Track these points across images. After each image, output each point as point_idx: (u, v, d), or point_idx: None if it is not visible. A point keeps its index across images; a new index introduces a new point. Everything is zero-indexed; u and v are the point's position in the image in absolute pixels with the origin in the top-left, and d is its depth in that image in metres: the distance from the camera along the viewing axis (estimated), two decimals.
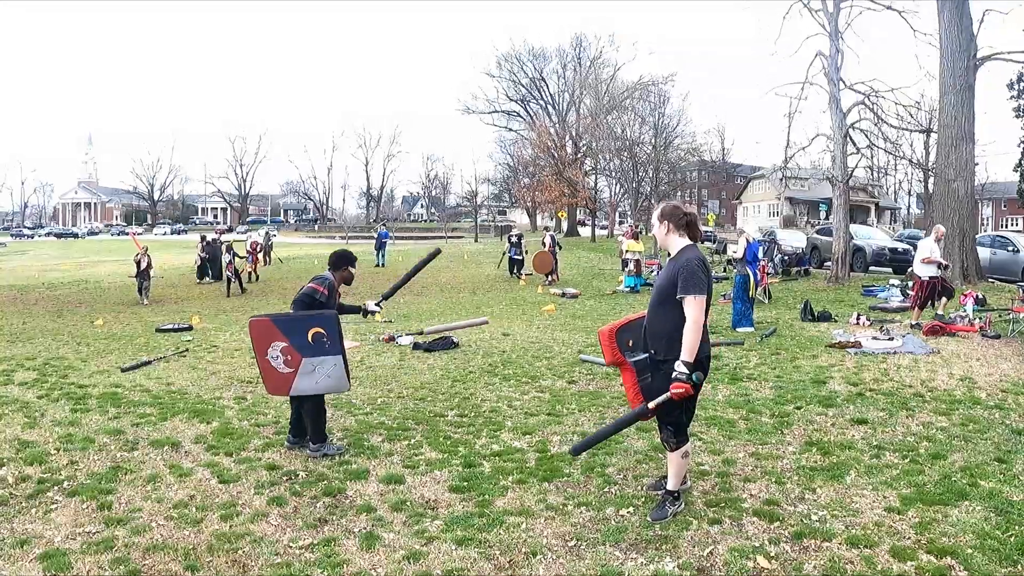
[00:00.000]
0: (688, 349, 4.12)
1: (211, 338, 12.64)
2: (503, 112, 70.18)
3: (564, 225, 58.46)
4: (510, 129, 71.02)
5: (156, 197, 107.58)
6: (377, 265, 30.89)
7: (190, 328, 14.11)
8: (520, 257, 25.28)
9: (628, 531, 4.23)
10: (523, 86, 67.06)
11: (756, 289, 13.05)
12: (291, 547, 4.15)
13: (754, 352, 9.94)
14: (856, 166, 21.57)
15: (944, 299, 12.31)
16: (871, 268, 22.97)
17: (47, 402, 7.65)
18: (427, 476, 5.32)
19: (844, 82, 19.64)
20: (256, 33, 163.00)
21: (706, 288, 4.19)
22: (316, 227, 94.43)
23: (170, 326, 14.27)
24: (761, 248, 24.23)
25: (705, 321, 4.27)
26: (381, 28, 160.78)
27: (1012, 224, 60.19)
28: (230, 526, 4.45)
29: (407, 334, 11.98)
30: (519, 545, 4.11)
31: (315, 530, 4.39)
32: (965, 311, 12.27)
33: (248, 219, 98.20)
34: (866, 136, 20.91)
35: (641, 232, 25.62)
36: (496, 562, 3.92)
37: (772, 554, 3.90)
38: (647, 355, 4.48)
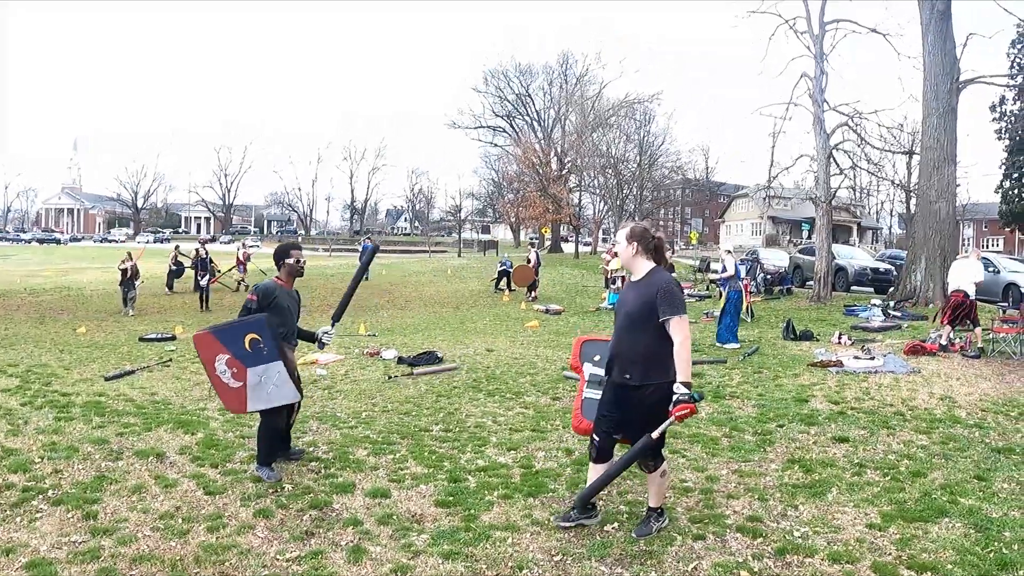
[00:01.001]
0: (684, 369, 4.08)
1: (194, 348, 12.52)
2: (489, 127, 70.44)
3: (547, 242, 58.58)
4: (495, 144, 71.31)
5: (140, 205, 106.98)
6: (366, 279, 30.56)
7: (173, 338, 14.06)
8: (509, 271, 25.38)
9: (613, 546, 4.25)
10: (509, 102, 67.35)
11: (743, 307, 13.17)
12: (278, 559, 4.14)
13: (737, 370, 10.01)
14: (839, 187, 21.81)
15: (976, 328, 11.77)
16: (852, 288, 23.19)
17: (30, 409, 7.58)
18: (413, 490, 5.32)
19: (828, 103, 19.90)
20: (245, 43, 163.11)
21: (683, 323, 4.15)
22: (300, 239, 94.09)
23: (153, 335, 14.22)
24: (744, 267, 24.55)
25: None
26: (368, 43, 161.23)
27: (993, 245, 60.87)
28: (217, 538, 4.43)
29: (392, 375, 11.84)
30: (505, 559, 4.11)
31: (302, 543, 4.39)
32: (945, 330, 12.38)
33: (231, 229, 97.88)
34: (849, 157, 21.12)
35: None
36: None
37: (755, 569, 3.93)
38: (605, 376, 4.47)
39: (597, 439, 4.44)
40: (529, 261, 24.12)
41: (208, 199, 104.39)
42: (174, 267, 25.43)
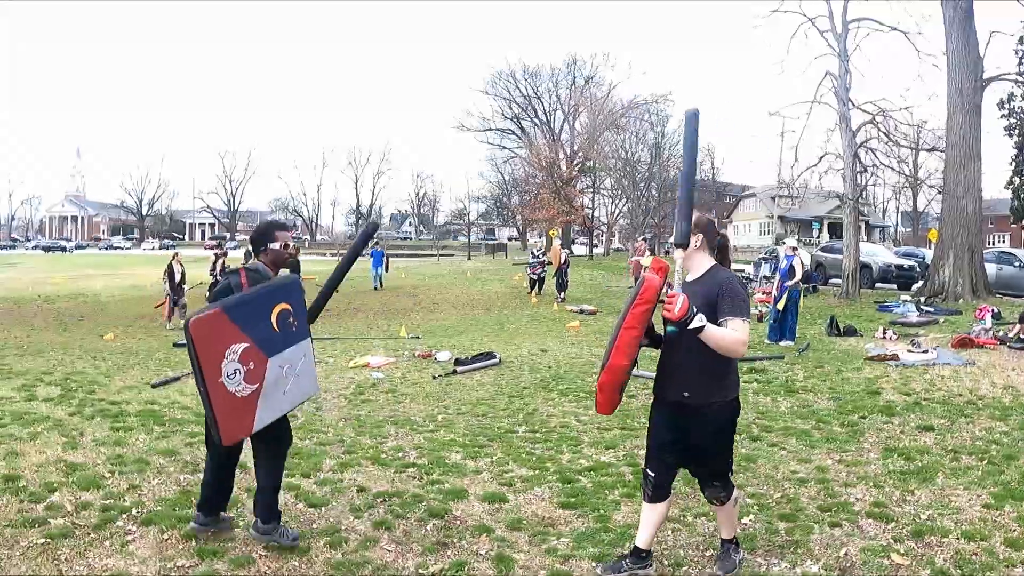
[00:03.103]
0: (718, 333, 3.47)
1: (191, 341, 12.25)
2: (497, 130, 70.60)
3: (556, 243, 58.78)
4: (503, 147, 71.47)
5: (144, 212, 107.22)
6: (375, 288, 28.18)
7: None
8: (541, 276, 25.34)
9: (756, 538, 4.44)
10: (517, 104, 67.50)
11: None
12: (422, 573, 4.02)
13: (797, 366, 10.26)
14: (866, 184, 22.07)
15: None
16: (877, 285, 23.45)
17: (81, 420, 7.21)
18: (528, 493, 5.30)
19: (853, 102, 20.16)
20: (249, 47, 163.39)
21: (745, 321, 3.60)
22: (307, 244, 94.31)
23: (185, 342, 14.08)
24: (768, 266, 24.80)
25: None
26: (374, 44, 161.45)
27: (1000, 241, 61.14)
28: (343, 554, 4.20)
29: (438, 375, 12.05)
30: (659, 557, 4.12)
31: (438, 554, 4.25)
32: (985, 324, 12.65)
33: (238, 235, 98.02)
34: (874, 155, 21.39)
35: (654, 249, 26.00)
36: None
37: (902, 551, 4.19)
38: (654, 396, 3.95)
39: (653, 474, 3.87)
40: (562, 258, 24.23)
41: (213, 205, 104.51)
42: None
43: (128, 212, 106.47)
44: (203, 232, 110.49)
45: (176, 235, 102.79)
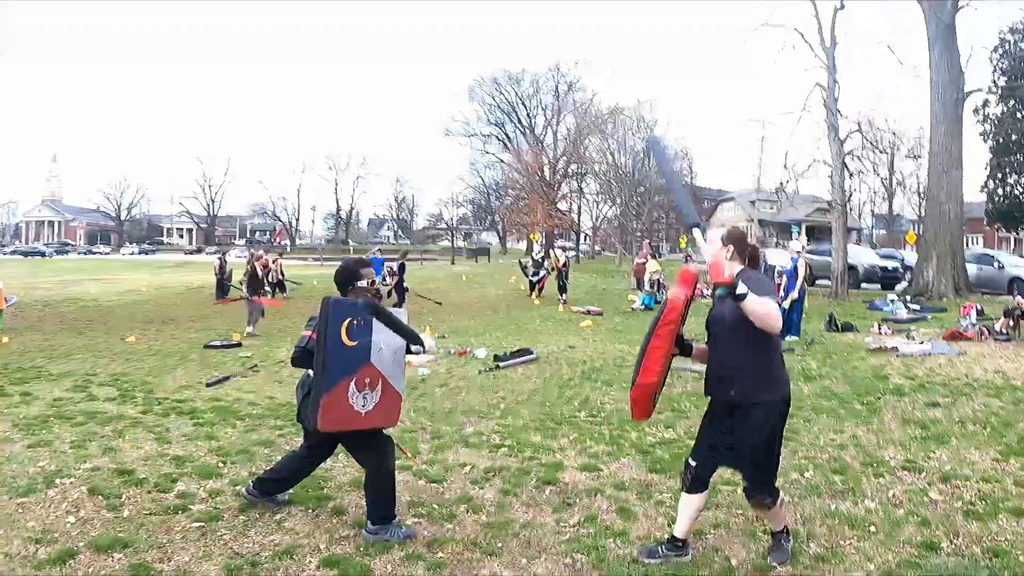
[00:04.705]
0: (758, 301, 3.64)
1: (270, 354, 12.65)
2: (481, 135, 71.62)
3: (536, 247, 59.88)
4: (486, 152, 72.49)
5: (123, 216, 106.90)
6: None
7: (239, 345, 13.97)
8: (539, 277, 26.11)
9: (820, 487, 5.42)
10: (501, 109, 68.62)
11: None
12: (563, 525, 4.70)
13: (808, 356, 11.43)
14: (853, 190, 23.37)
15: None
16: (862, 285, 24.80)
17: (157, 417, 7.51)
18: (614, 464, 6.03)
19: (840, 112, 21.49)
20: (227, 53, 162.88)
21: (777, 298, 3.88)
22: (289, 249, 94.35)
23: (218, 343, 13.96)
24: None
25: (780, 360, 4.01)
26: (354, 49, 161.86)
27: (975, 242, 63.14)
28: (485, 516, 4.87)
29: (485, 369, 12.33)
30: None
31: (568, 511, 4.97)
32: (971, 320, 13.94)
33: (216, 240, 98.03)
34: (860, 162, 22.71)
35: (655, 253, 27.09)
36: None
37: (938, 490, 5.33)
38: (706, 395, 4.17)
39: (695, 463, 4.08)
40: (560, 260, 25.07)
41: (192, 210, 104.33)
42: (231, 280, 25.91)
43: (106, 217, 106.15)
44: (181, 237, 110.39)
45: (158, 240, 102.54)
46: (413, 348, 4.63)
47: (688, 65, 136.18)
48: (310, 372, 4.50)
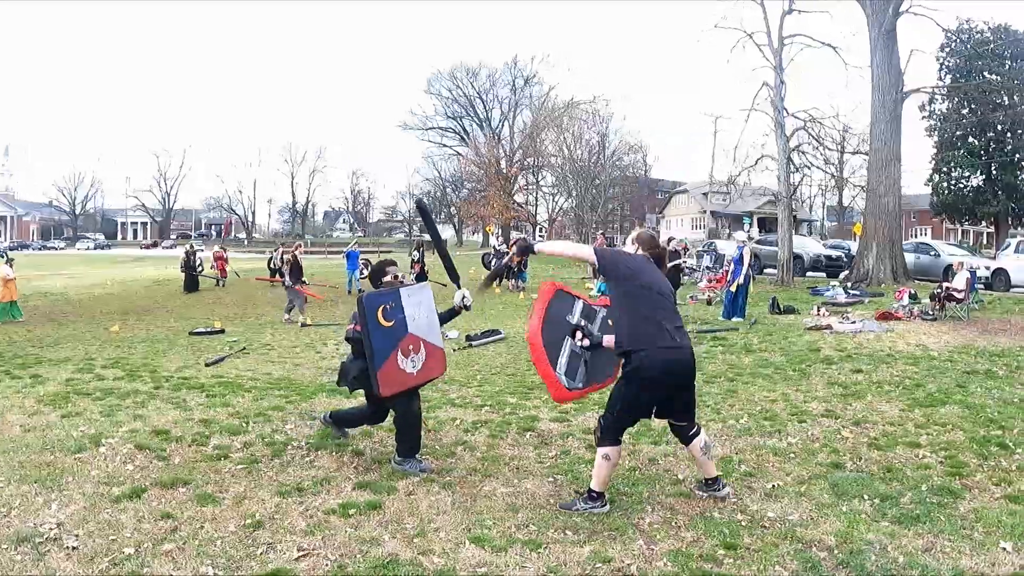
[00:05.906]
0: (551, 246, 5.24)
1: (255, 338, 13.58)
2: (439, 129, 72.31)
3: (492, 239, 60.83)
4: (443, 145, 73.20)
5: (77, 211, 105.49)
6: (349, 292, 24.71)
7: (223, 331, 14.50)
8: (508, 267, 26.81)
9: (752, 430, 6.60)
10: (459, 103, 69.38)
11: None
12: (545, 457, 5.74)
13: (751, 334, 12.56)
14: (799, 184, 24.73)
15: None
16: (808, 273, 26.21)
17: (170, 391, 7.98)
18: (581, 416, 6.98)
19: (787, 110, 22.77)
20: (183, 45, 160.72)
21: (595, 249, 4.76)
22: (246, 243, 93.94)
23: (203, 330, 14.54)
24: (709, 257, 27.38)
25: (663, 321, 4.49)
26: (311, 41, 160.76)
27: (923, 233, 65.48)
28: (480, 453, 5.80)
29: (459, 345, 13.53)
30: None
31: (545, 448, 6.02)
32: (904, 303, 15.22)
33: (171, 234, 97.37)
34: (805, 157, 24.07)
35: (610, 243, 28.21)
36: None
37: (850, 431, 6.42)
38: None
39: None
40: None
41: (147, 204, 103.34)
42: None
43: (60, 211, 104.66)
44: (135, 231, 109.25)
45: (114, 236, 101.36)
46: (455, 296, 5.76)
47: (646, 60, 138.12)
48: (351, 354, 5.65)
